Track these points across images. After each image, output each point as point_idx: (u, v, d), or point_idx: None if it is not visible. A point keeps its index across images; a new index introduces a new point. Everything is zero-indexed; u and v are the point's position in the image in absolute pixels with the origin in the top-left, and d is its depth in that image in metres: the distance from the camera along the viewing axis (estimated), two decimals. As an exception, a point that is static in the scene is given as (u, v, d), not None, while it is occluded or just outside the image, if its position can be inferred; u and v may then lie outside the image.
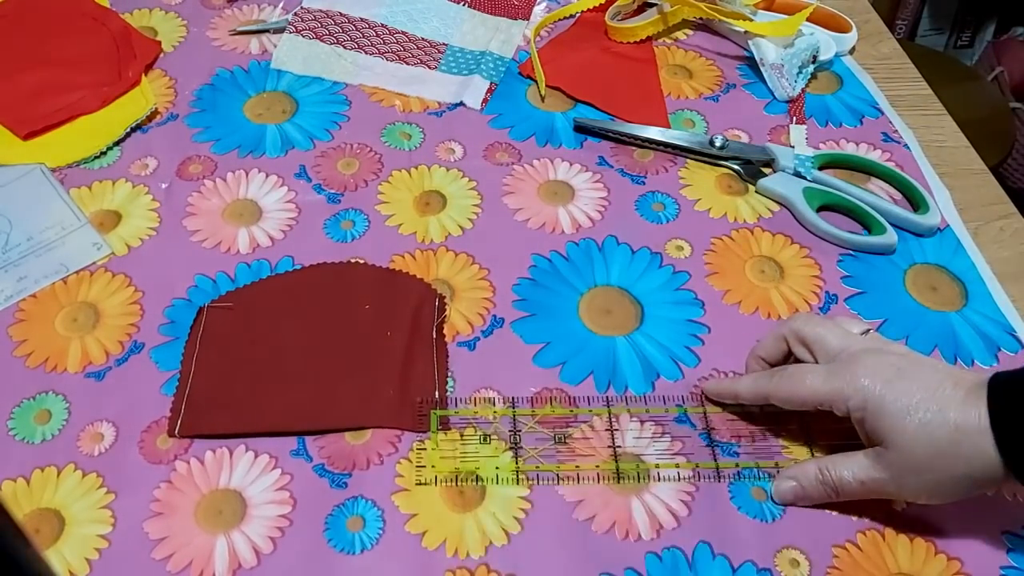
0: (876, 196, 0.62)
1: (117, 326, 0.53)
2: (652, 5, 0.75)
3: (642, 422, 0.50)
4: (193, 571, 0.44)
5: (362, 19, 0.74)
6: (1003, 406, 0.40)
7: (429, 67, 0.71)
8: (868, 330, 0.48)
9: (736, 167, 0.64)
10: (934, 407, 0.41)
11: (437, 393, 0.50)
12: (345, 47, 0.72)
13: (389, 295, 0.55)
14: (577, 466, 0.48)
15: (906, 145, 0.66)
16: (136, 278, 0.56)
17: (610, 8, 0.75)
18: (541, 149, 0.65)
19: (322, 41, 0.72)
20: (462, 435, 0.49)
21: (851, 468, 0.44)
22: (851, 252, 0.59)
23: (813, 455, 0.48)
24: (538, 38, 0.74)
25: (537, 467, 0.48)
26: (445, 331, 0.54)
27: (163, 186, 0.61)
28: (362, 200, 0.61)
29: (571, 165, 0.64)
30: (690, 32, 0.76)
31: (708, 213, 0.61)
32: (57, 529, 0.45)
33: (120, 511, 0.46)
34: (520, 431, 0.49)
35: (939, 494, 0.43)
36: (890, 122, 0.68)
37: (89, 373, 0.51)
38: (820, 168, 0.63)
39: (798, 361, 0.48)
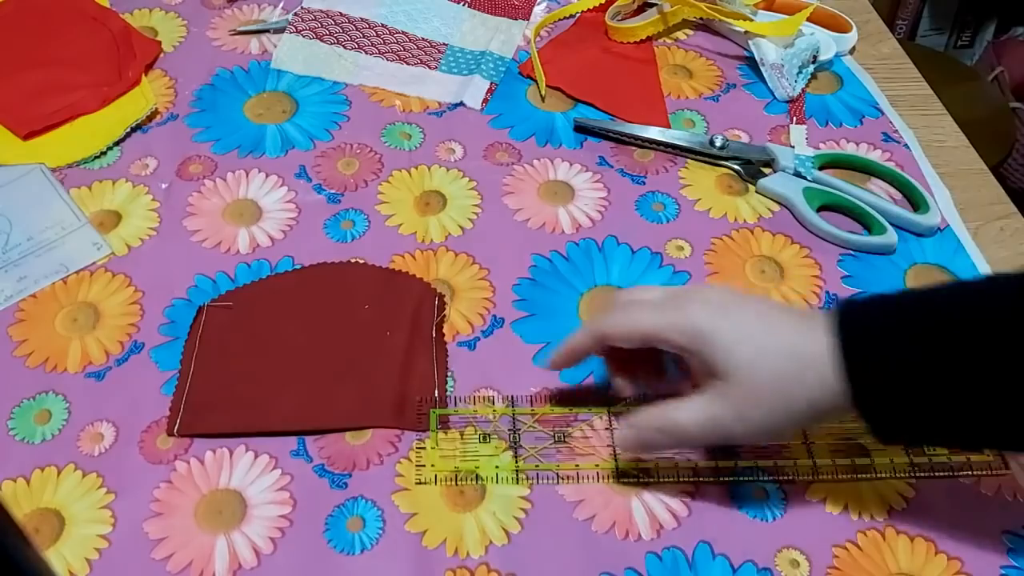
0: (876, 196, 0.62)
1: (117, 326, 0.53)
2: (652, 5, 0.75)
3: (642, 422, 0.50)
4: (193, 571, 0.44)
5: (362, 19, 0.74)
6: (853, 332, 0.39)
7: (429, 67, 0.71)
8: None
9: (736, 167, 0.64)
10: (770, 333, 0.41)
11: (437, 392, 0.50)
12: (345, 47, 0.72)
13: (389, 295, 0.55)
14: (577, 465, 0.48)
15: (906, 145, 0.66)
16: (136, 278, 0.56)
17: (610, 8, 0.75)
18: (541, 149, 0.65)
19: (322, 41, 0.72)
20: (462, 434, 0.49)
21: (689, 410, 0.42)
22: (851, 252, 0.59)
23: (811, 455, 0.48)
24: (538, 38, 0.74)
25: (537, 466, 0.48)
26: (445, 331, 0.54)
27: (163, 186, 0.61)
28: (362, 200, 0.61)
29: (571, 165, 0.64)
30: (690, 32, 0.76)
31: (708, 213, 0.61)
32: (57, 529, 0.45)
33: (120, 511, 0.46)
34: (520, 430, 0.49)
35: (780, 426, 0.41)
36: (890, 122, 0.68)
37: (89, 373, 0.51)
38: (820, 168, 0.63)
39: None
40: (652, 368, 0.47)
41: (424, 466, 0.47)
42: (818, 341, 0.40)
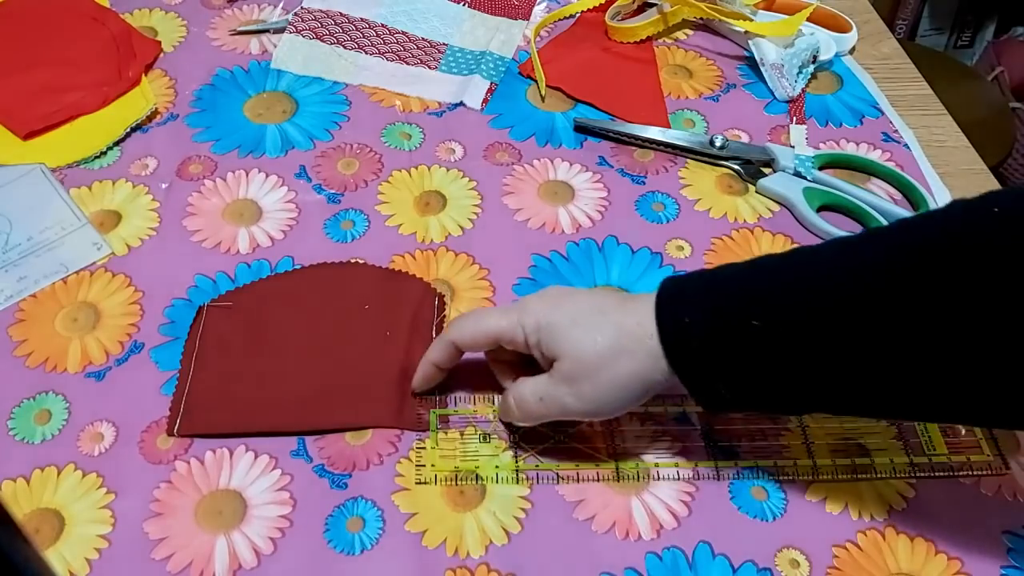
0: (876, 196, 0.62)
1: (117, 326, 0.53)
2: (652, 5, 0.75)
3: (642, 422, 0.50)
4: (193, 571, 0.44)
5: (362, 19, 0.74)
6: (667, 305, 0.43)
7: (429, 67, 0.71)
8: None
9: (736, 167, 0.64)
10: (596, 313, 0.44)
11: (437, 392, 0.50)
12: (345, 47, 0.72)
13: (389, 295, 0.55)
14: (577, 465, 0.48)
15: (906, 145, 0.66)
16: (136, 278, 0.56)
17: (610, 8, 0.75)
18: (541, 149, 0.65)
19: (322, 41, 0.72)
20: (462, 434, 0.49)
21: (532, 386, 0.45)
22: (851, 252, 0.59)
23: (812, 455, 0.48)
24: (538, 38, 0.74)
25: (537, 466, 0.48)
26: (445, 331, 0.54)
27: (163, 186, 0.61)
28: (362, 200, 0.61)
29: (571, 165, 0.64)
30: (690, 32, 0.76)
31: (708, 213, 0.61)
32: (57, 529, 0.45)
33: (120, 511, 0.46)
34: (520, 430, 0.49)
35: (612, 399, 0.44)
36: (890, 122, 0.68)
37: (89, 373, 0.51)
38: (820, 168, 0.63)
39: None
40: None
41: (424, 466, 0.47)
42: (644, 317, 0.43)
